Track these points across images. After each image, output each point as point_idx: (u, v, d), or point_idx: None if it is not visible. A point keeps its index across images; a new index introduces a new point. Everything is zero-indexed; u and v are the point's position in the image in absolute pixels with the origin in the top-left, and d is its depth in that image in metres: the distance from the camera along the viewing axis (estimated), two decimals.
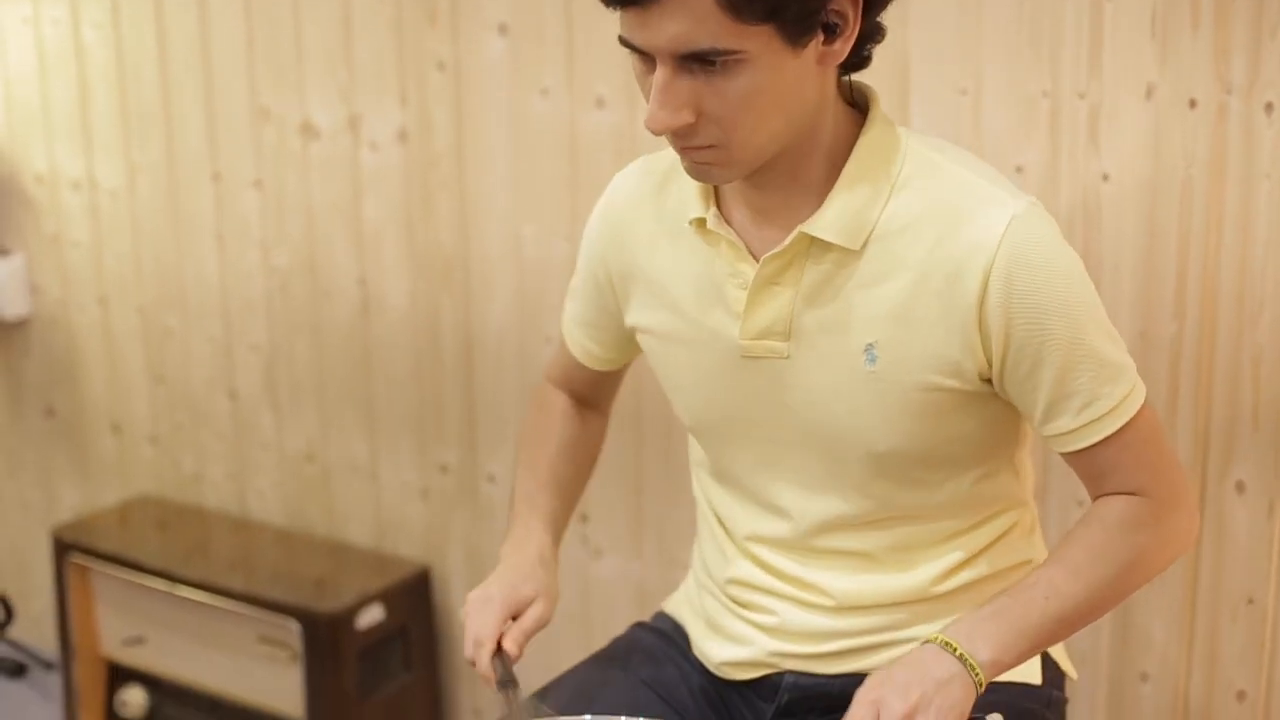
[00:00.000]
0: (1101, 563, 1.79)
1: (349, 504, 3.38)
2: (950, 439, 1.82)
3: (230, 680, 3.32)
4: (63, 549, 3.44)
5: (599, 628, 3.04)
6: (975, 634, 1.72)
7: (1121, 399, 1.77)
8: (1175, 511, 1.84)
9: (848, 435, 1.82)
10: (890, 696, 1.66)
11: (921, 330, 1.76)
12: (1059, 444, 1.81)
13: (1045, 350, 1.74)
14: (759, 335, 1.83)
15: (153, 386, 3.61)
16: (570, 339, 2.13)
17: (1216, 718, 2.52)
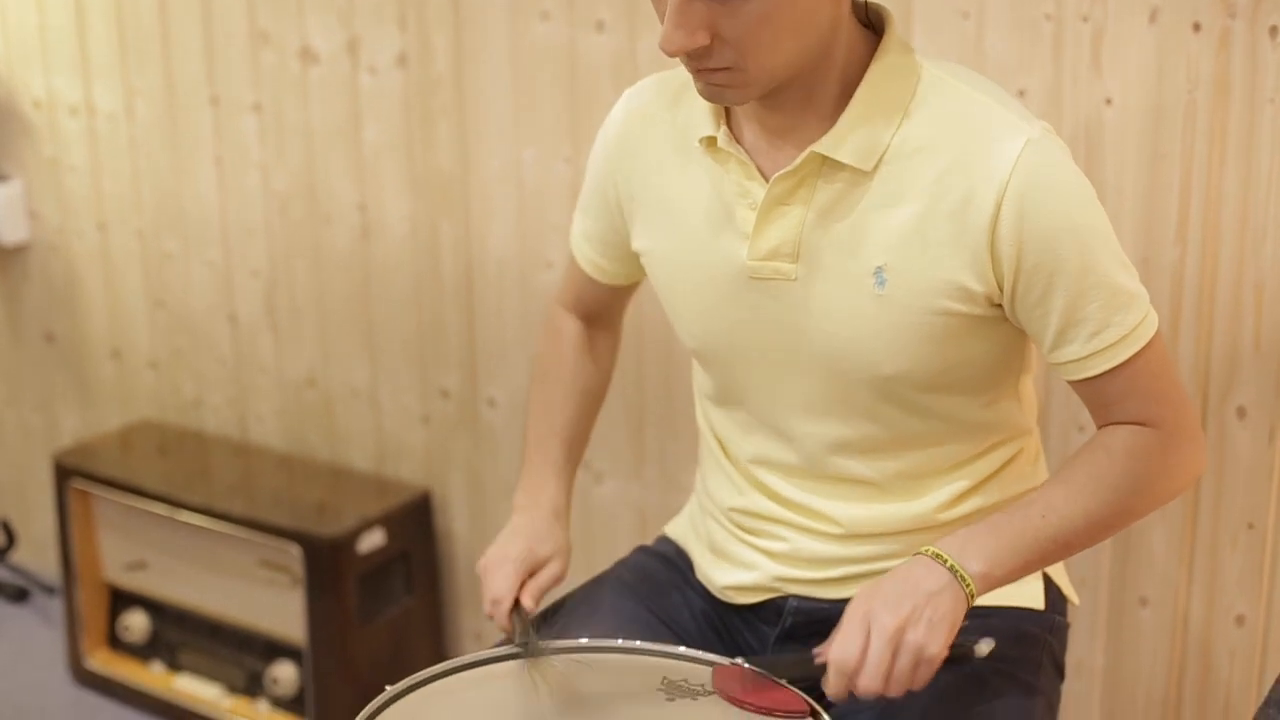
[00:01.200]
0: (1103, 488, 1.79)
1: (350, 429, 3.38)
2: (957, 364, 1.82)
3: (232, 604, 3.33)
4: (64, 474, 3.45)
5: (600, 551, 3.04)
6: (967, 546, 1.72)
7: (1132, 328, 1.77)
8: (1182, 444, 1.83)
9: (855, 359, 1.81)
10: (880, 610, 1.66)
11: (932, 254, 1.75)
12: (1067, 371, 1.80)
13: (1057, 277, 1.73)
14: (767, 256, 1.82)
15: (152, 311, 3.60)
16: (580, 254, 2.12)
17: (1216, 642, 2.53)
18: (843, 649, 1.66)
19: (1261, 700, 1.72)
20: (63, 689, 3.55)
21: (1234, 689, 2.53)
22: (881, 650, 1.64)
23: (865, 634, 1.65)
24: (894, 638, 1.65)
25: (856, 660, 1.65)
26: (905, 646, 1.65)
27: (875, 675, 1.64)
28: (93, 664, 3.51)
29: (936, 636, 1.66)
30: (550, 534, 2.05)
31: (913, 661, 1.65)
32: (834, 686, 1.66)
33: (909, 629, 1.65)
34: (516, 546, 2.01)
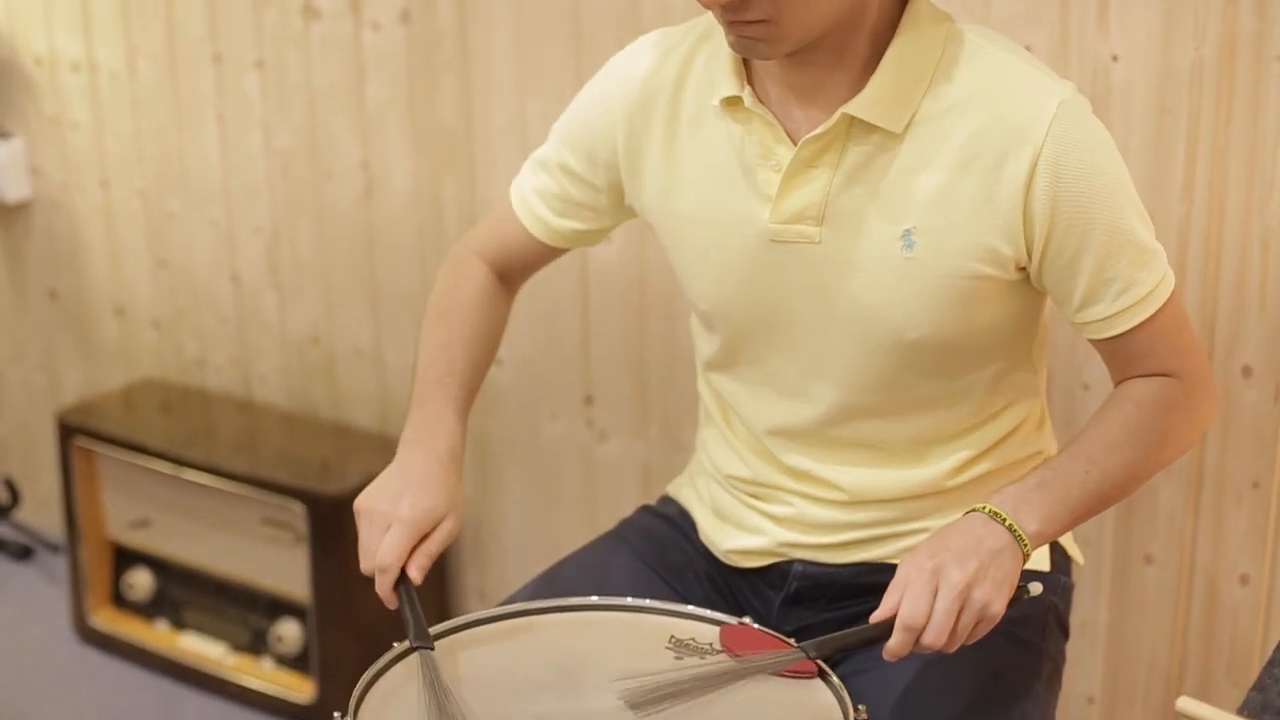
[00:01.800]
0: (1137, 439, 1.80)
1: (353, 387, 3.38)
2: (979, 329, 1.81)
3: (236, 562, 3.34)
4: (67, 432, 3.45)
5: (604, 510, 3.04)
6: (1021, 504, 1.72)
7: (1156, 284, 1.77)
8: (1202, 393, 1.85)
9: (879, 324, 1.80)
10: (949, 566, 1.65)
11: (962, 216, 1.74)
12: (1093, 330, 1.80)
13: (1089, 237, 1.73)
14: (790, 220, 1.81)
15: (155, 270, 3.60)
16: (524, 210, 2.05)
17: (1220, 601, 2.53)
18: (913, 606, 1.64)
19: (1266, 660, 1.72)
20: (67, 647, 3.56)
21: (1238, 648, 2.53)
22: (949, 606, 1.64)
23: (933, 591, 1.65)
24: (961, 594, 1.64)
25: (925, 617, 1.64)
26: (971, 604, 1.65)
27: (941, 631, 1.64)
28: (97, 622, 3.52)
29: (1000, 594, 1.67)
30: (445, 484, 1.85)
31: (976, 618, 1.66)
32: (898, 643, 1.66)
33: (976, 586, 1.65)
34: (410, 503, 1.81)
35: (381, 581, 1.80)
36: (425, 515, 1.81)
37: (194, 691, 3.37)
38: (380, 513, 1.81)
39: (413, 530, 1.80)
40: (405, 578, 1.81)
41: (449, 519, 1.83)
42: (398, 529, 1.80)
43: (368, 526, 1.82)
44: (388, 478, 1.85)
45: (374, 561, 1.80)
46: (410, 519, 1.80)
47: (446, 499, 1.84)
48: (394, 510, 1.81)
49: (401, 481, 1.84)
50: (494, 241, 2.10)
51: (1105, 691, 2.68)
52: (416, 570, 1.80)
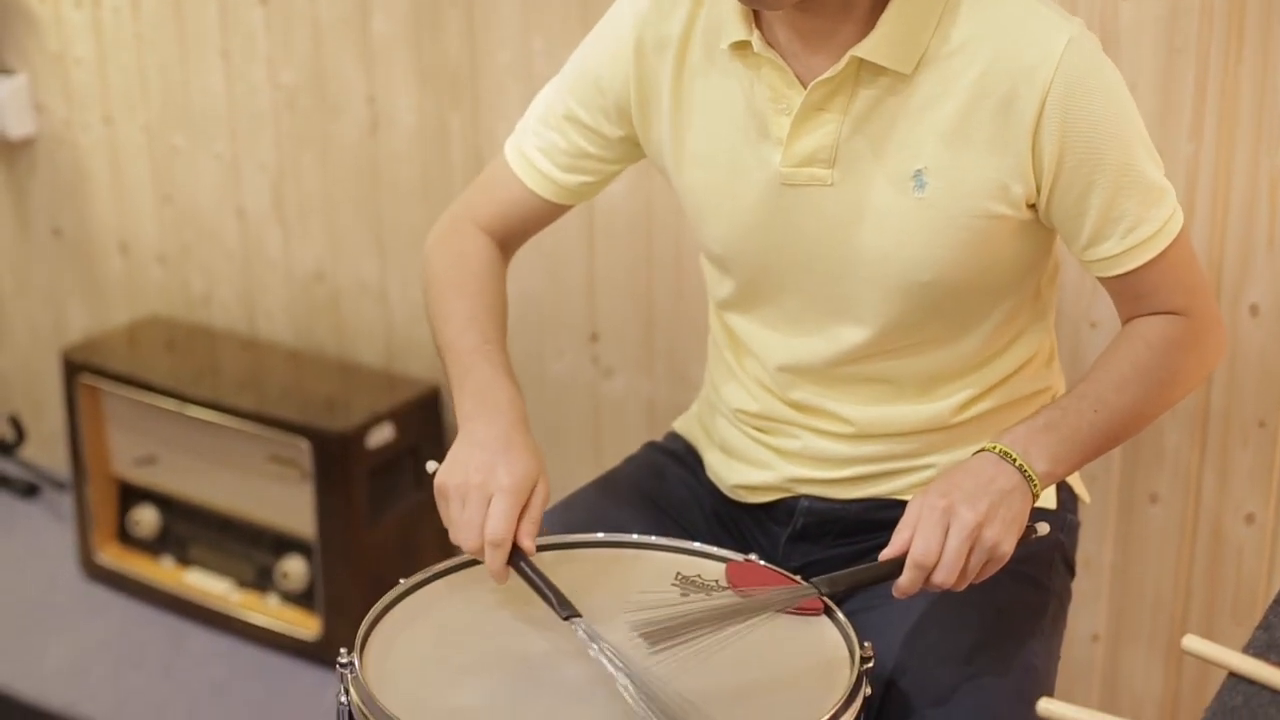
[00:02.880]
0: (1145, 378, 1.80)
1: (358, 324, 3.38)
2: (990, 267, 1.81)
3: (241, 499, 3.34)
4: (72, 370, 3.45)
5: (609, 446, 3.04)
6: (1031, 444, 1.72)
7: (1164, 222, 1.77)
8: (1209, 331, 1.85)
9: (892, 264, 1.80)
10: (961, 506, 1.65)
11: (973, 154, 1.74)
12: (1101, 268, 1.80)
13: (1097, 175, 1.72)
14: (802, 163, 1.80)
15: (160, 206, 3.59)
16: (528, 170, 2.01)
17: (1225, 540, 2.53)
18: (924, 545, 1.64)
19: (1271, 599, 1.72)
20: (73, 584, 3.57)
21: (1242, 587, 2.54)
22: (960, 546, 1.64)
23: (944, 530, 1.65)
24: (972, 534, 1.64)
25: (936, 556, 1.64)
26: (981, 543, 1.65)
27: (951, 570, 1.64)
28: (103, 559, 3.53)
29: (1010, 534, 1.67)
30: (529, 448, 1.79)
31: (985, 558, 1.66)
32: (908, 581, 1.66)
33: (987, 526, 1.65)
34: (506, 470, 1.75)
35: (495, 557, 1.72)
36: (523, 481, 1.75)
37: (199, 628, 3.38)
38: (476, 485, 1.74)
39: (516, 498, 1.73)
40: (518, 550, 1.75)
41: (542, 481, 1.78)
42: (501, 499, 1.73)
43: (463, 502, 1.75)
44: (469, 451, 1.78)
45: (484, 537, 1.72)
46: (510, 487, 1.73)
47: (535, 461, 1.78)
48: (491, 481, 1.74)
49: (485, 452, 1.77)
50: (490, 207, 2.05)
51: (1110, 630, 2.68)
52: (529, 539, 1.74)
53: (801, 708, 1.60)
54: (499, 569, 1.73)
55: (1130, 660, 2.68)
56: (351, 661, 1.68)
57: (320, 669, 3.20)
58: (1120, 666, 2.69)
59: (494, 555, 1.72)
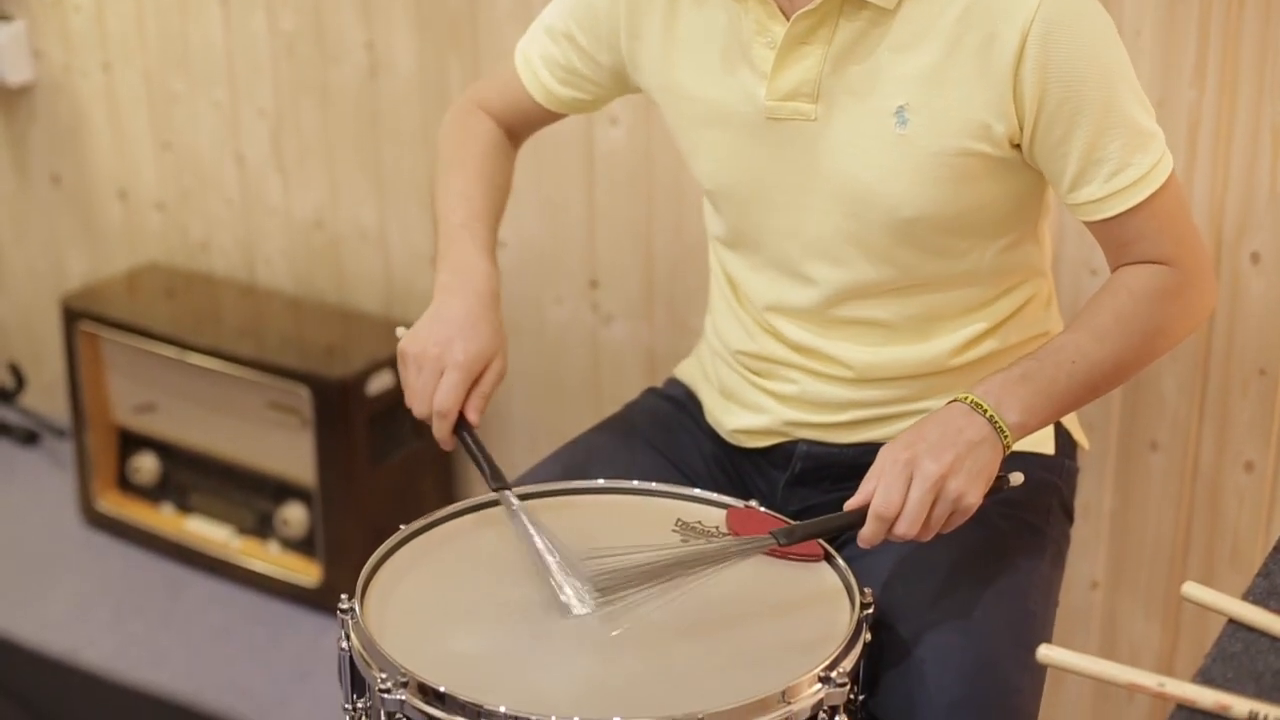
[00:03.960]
0: (1127, 329, 1.78)
1: (358, 270, 3.37)
2: (977, 206, 1.81)
3: (241, 446, 3.34)
4: (72, 317, 3.44)
5: (609, 393, 3.04)
6: (1004, 396, 1.72)
7: (1150, 167, 1.75)
8: (1197, 282, 1.83)
9: (875, 200, 1.80)
10: (924, 457, 1.66)
11: (954, 92, 1.74)
12: (1085, 212, 1.79)
13: (1079, 115, 1.71)
14: (786, 97, 1.80)
15: (159, 152, 3.58)
16: (527, 74, 2.06)
17: (1224, 488, 2.53)
18: (885, 496, 1.65)
19: (1270, 546, 1.72)
20: (73, 531, 3.57)
21: (1241, 535, 2.54)
22: (922, 498, 1.64)
23: (907, 481, 1.65)
24: (935, 485, 1.65)
25: (897, 507, 1.65)
26: (945, 495, 1.65)
27: (914, 521, 1.65)
28: (103, 506, 3.53)
29: (976, 486, 1.67)
30: (491, 327, 1.88)
31: (950, 509, 1.66)
32: (870, 532, 1.67)
33: (951, 477, 1.65)
34: (462, 346, 1.84)
35: (440, 426, 1.84)
36: (477, 358, 1.85)
37: (200, 575, 3.39)
38: (432, 357, 1.84)
39: (467, 374, 1.84)
40: (463, 421, 1.85)
41: (498, 359, 1.87)
42: (452, 373, 1.83)
43: (418, 371, 1.86)
44: (432, 322, 1.87)
45: (431, 406, 1.84)
46: (463, 363, 1.83)
47: (494, 340, 1.87)
48: (446, 354, 1.84)
49: (447, 326, 1.86)
50: (498, 100, 2.11)
51: (1109, 577, 2.69)
52: (474, 413, 1.85)
53: (802, 654, 1.60)
54: (443, 437, 1.86)
55: (1129, 607, 2.69)
56: (352, 608, 1.68)
57: (321, 615, 3.20)
58: (1119, 613, 2.70)
59: (439, 424, 1.85)
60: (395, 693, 1.56)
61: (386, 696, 1.56)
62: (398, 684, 1.56)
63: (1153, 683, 1.39)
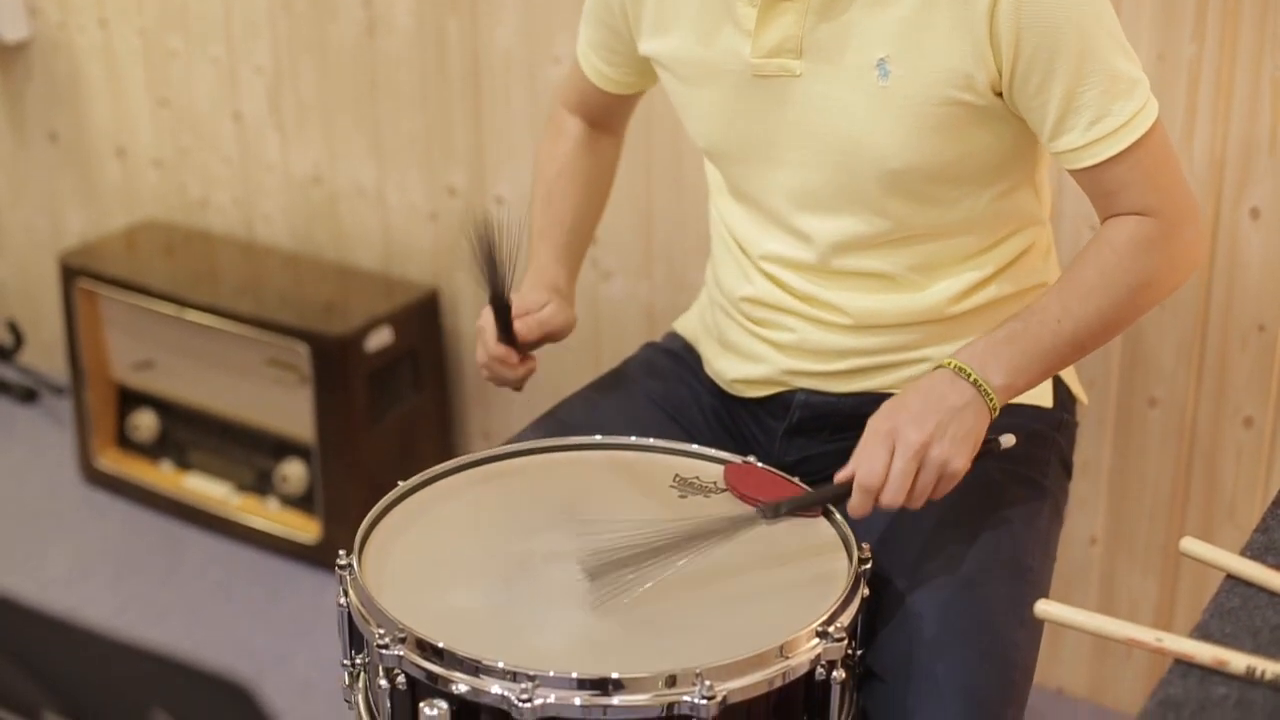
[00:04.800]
0: (1113, 284, 1.78)
1: (357, 227, 3.37)
2: (965, 155, 1.80)
3: (240, 403, 3.34)
4: (70, 274, 3.44)
5: (608, 349, 3.04)
6: (989, 358, 1.71)
7: (1132, 115, 1.74)
8: (1184, 232, 1.81)
9: (862, 153, 1.80)
10: (905, 426, 1.66)
11: (933, 43, 1.73)
12: (1068, 161, 1.78)
13: (1055, 62, 1.71)
14: (770, 54, 1.81)
15: (156, 110, 3.57)
16: (585, 63, 2.11)
17: (1223, 443, 2.53)
18: (868, 467, 1.66)
19: (1269, 501, 1.72)
20: (73, 489, 3.58)
21: (1239, 490, 2.54)
22: (905, 467, 1.65)
23: (889, 451, 1.66)
24: (919, 454, 1.65)
25: (881, 478, 1.65)
26: (930, 462, 1.66)
27: (898, 491, 1.65)
28: (102, 463, 3.53)
29: (961, 452, 1.67)
30: (545, 293, 2.03)
31: (936, 476, 1.67)
32: (857, 503, 1.67)
33: (934, 445, 1.66)
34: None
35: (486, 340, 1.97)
36: (522, 300, 1.98)
37: (199, 532, 3.39)
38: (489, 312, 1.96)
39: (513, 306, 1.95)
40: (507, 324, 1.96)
41: (552, 304, 2.02)
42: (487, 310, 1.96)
43: (480, 335, 1.99)
44: None
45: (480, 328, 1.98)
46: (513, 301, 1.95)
47: (546, 297, 2.02)
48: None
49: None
50: (573, 93, 2.17)
51: (1107, 533, 2.69)
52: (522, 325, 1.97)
53: (799, 609, 1.61)
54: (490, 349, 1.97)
55: (1128, 563, 2.69)
56: (350, 564, 1.68)
57: (320, 572, 3.21)
58: (1118, 569, 2.71)
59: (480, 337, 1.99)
60: (393, 648, 1.56)
61: (385, 652, 1.56)
62: (396, 639, 1.56)
63: (1150, 638, 1.39)
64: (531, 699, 1.48)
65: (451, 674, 1.53)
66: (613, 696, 1.50)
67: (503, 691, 1.50)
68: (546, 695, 1.49)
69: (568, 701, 1.50)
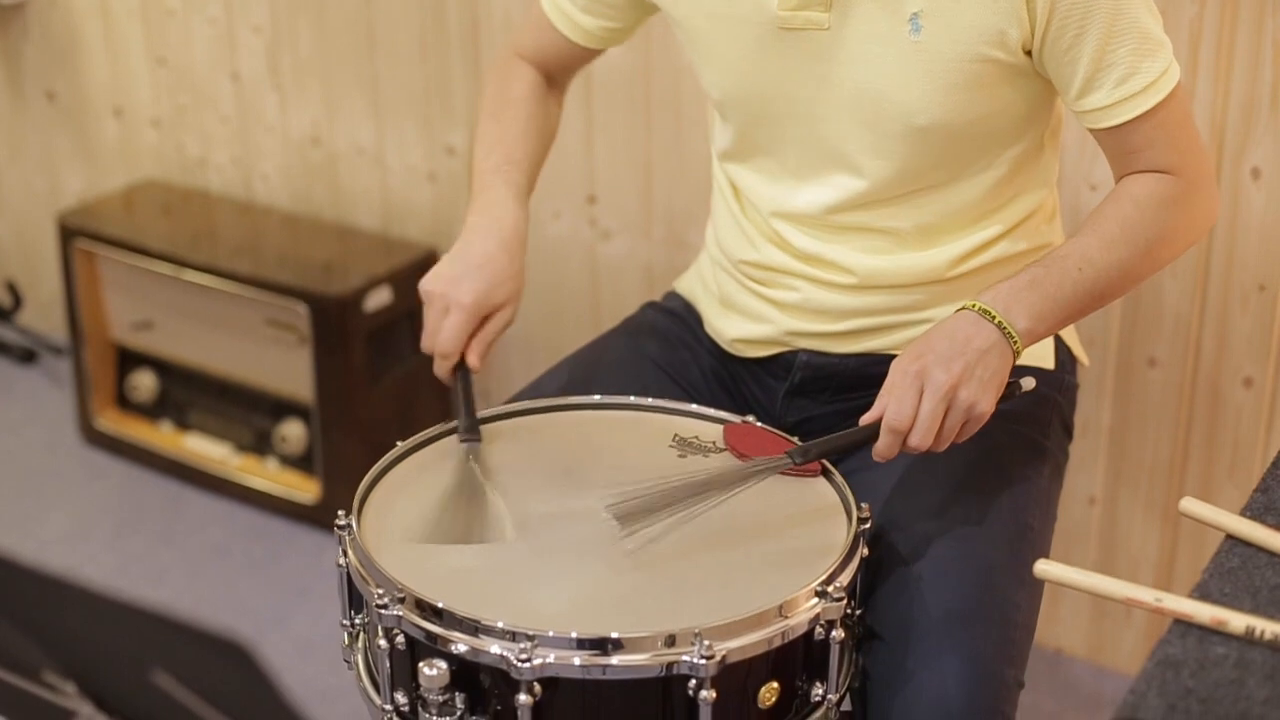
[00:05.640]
0: (1133, 237, 1.78)
1: (355, 187, 3.36)
2: (990, 113, 1.80)
3: (239, 364, 3.34)
4: (68, 235, 3.43)
5: (607, 309, 3.04)
6: (1013, 302, 1.71)
7: (1159, 75, 1.74)
8: (1201, 191, 1.82)
9: (889, 108, 1.79)
10: (934, 368, 1.65)
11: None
12: (1093, 119, 1.78)
13: (1089, 20, 1.70)
14: (798, 6, 1.79)
15: (154, 69, 3.56)
16: (557, 13, 2.05)
17: (1223, 403, 2.53)
18: (897, 408, 1.65)
19: (1269, 462, 1.72)
20: (72, 449, 3.58)
21: (1240, 450, 2.54)
22: (934, 409, 1.64)
23: (918, 392, 1.65)
24: (947, 395, 1.65)
25: (909, 419, 1.65)
26: (957, 404, 1.65)
27: (927, 432, 1.65)
28: (102, 424, 3.53)
29: (987, 394, 1.67)
30: (506, 272, 1.88)
31: (963, 418, 1.66)
32: (884, 445, 1.67)
33: (961, 387, 1.65)
34: (470, 287, 1.85)
35: (440, 366, 1.87)
36: (483, 300, 1.86)
37: (199, 492, 3.39)
38: (439, 295, 1.86)
39: (470, 316, 1.85)
40: (463, 364, 1.86)
41: (507, 306, 1.89)
42: (456, 315, 1.85)
43: (429, 309, 1.88)
44: (451, 260, 1.89)
45: (434, 346, 1.86)
46: (469, 304, 1.85)
47: (507, 284, 1.89)
48: (453, 294, 1.85)
49: (463, 265, 1.87)
50: (531, 44, 2.11)
51: (1106, 493, 2.69)
52: (474, 357, 1.86)
53: (799, 568, 1.61)
54: (442, 375, 1.87)
55: (1127, 523, 2.69)
56: (349, 524, 1.68)
57: (319, 532, 3.21)
58: (1117, 529, 2.71)
59: (439, 364, 1.86)
60: (392, 608, 1.56)
61: (384, 612, 1.56)
62: (395, 599, 1.56)
63: (1150, 598, 1.39)
64: (531, 659, 1.48)
65: (451, 634, 1.53)
66: (612, 656, 1.50)
67: (502, 651, 1.50)
68: (546, 655, 1.49)
69: (567, 661, 1.50)
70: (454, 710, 1.54)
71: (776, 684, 1.58)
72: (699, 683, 1.50)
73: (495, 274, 1.87)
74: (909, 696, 1.64)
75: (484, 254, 1.88)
